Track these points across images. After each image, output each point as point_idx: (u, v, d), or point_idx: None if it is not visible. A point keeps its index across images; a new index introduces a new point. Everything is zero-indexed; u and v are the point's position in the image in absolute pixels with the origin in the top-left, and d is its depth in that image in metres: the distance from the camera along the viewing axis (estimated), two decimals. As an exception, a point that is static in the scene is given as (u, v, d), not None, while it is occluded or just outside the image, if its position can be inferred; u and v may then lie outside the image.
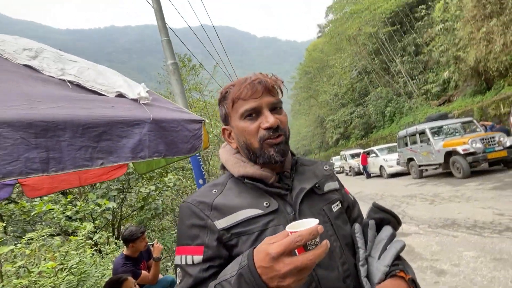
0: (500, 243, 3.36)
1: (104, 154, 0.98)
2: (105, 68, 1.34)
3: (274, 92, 0.72)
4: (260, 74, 0.74)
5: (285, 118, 0.74)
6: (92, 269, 3.58)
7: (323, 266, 0.68)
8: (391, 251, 0.70)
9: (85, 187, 6.47)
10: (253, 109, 0.70)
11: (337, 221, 0.76)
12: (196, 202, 0.72)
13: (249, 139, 0.72)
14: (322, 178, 0.81)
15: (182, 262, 0.69)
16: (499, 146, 7.89)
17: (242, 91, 0.70)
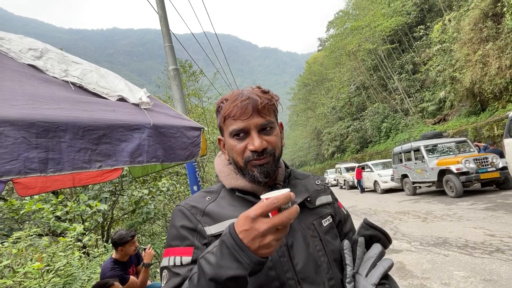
0: (490, 264, 3.37)
1: (103, 157, 0.99)
2: (107, 71, 1.35)
3: (264, 113, 0.70)
4: (254, 90, 0.73)
5: (274, 139, 0.72)
6: (79, 272, 3.51)
7: (309, 280, 0.68)
8: (379, 269, 0.70)
9: (77, 188, 6.40)
10: (241, 130, 0.69)
11: (326, 236, 0.76)
12: (188, 206, 0.73)
13: (236, 158, 0.72)
14: (314, 193, 0.81)
15: (170, 263, 0.68)
16: (492, 167, 8.00)
17: (232, 110, 0.69)
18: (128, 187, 6.60)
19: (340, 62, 32.47)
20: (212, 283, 0.52)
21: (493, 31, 13.29)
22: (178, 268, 0.66)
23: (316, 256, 0.71)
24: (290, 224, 0.69)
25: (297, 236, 0.71)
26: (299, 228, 0.72)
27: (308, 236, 0.73)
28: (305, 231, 0.73)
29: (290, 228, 0.70)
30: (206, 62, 13.41)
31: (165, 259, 0.69)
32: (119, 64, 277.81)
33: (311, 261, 0.70)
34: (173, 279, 0.65)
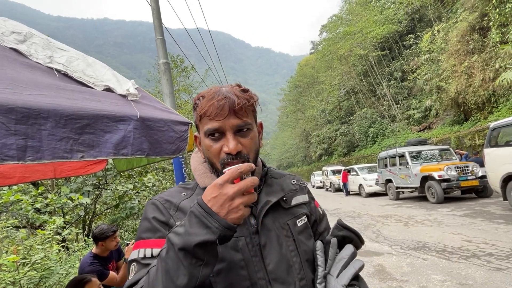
0: (466, 268, 3.48)
1: (85, 147, 0.96)
2: (95, 61, 1.31)
3: (241, 114, 0.67)
4: (233, 89, 0.70)
5: (249, 142, 0.69)
6: (57, 266, 3.42)
7: (280, 281, 0.68)
8: (350, 270, 0.70)
9: (59, 180, 6.22)
10: (216, 130, 0.67)
11: (300, 236, 0.76)
12: (162, 200, 0.72)
13: (212, 159, 0.70)
14: (289, 192, 0.80)
15: (139, 255, 0.66)
16: (472, 175, 8.27)
17: (208, 109, 0.66)
18: (112, 181, 6.47)
19: (331, 66, 32.85)
20: (181, 252, 0.52)
21: (479, 44, 13.73)
22: (148, 260, 0.64)
23: (289, 256, 0.71)
24: (265, 224, 0.72)
25: (270, 236, 0.71)
26: (273, 228, 0.72)
27: (281, 236, 0.72)
28: (279, 231, 0.73)
29: (264, 228, 0.71)
30: (198, 58, 13.27)
31: (134, 252, 0.67)
32: (109, 56, 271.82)
33: (283, 262, 0.70)
34: (143, 270, 0.63)
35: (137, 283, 0.60)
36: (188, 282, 0.52)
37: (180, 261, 0.52)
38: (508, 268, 3.33)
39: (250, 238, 0.69)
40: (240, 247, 0.67)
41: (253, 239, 0.69)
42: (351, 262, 0.73)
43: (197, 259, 0.52)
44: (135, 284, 0.61)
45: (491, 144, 6.33)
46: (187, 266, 0.52)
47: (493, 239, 4.43)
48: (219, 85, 0.90)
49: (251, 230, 0.70)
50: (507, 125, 5.88)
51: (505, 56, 11.64)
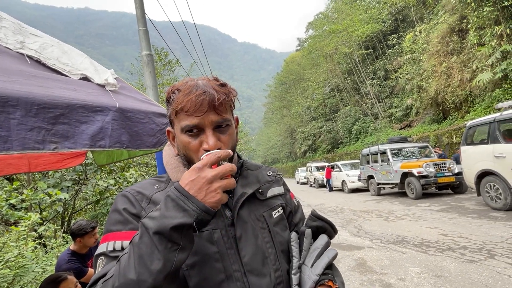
0: (442, 261, 3.62)
1: (59, 138, 0.90)
2: (71, 48, 1.25)
3: (221, 110, 0.66)
4: (210, 83, 0.67)
5: (228, 138, 0.68)
6: (33, 264, 3.30)
7: (255, 272, 0.67)
8: (324, 260, 0.72)
9: (35, 174, 5.98)
10: (195, 126, 0.64)
11: (275, 228, 0.76)
12: (134, 192, 0.69)
13: (190, 155, 0.67)
14: (265, 184, 0.80)
15: (108, 248, 0.62)
16: (448, 172, 8.60)
17: (185, 105, 0.63)
18: (93, 177, 6.29)
19: (317, 63, 33.14)
20: (156, 236, 0.50)
21: (458, 45, 14.22)
22: (118, 253, 0.60)
23: (264, 248, 0.71)
24: (241, 216, 0.71)
25: (246, 228, 0.70)
26: (249, 219, 0.71)
27: (257, 228, 0.72)
28: (254, 223, 0.72)
29: (240, 220, 0.70)
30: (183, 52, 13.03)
31: (102, 245, 0.63)
32: (90, 47, 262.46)
33: (258, 253, 0.69)
34: (111, 263, 0.59)
35: (105, 276, 0.55)
36: (163, 267, 0.49)
37: (154, 245, 0.49)
38: (481, 260, 3.49)
39: (226, 230, 0.68)
40: (215, 240, 0.66)
41: (229, 231, 0.68)
42: (325, 251, 0.74)
43: (172, 243, 0.50)
44: (102, 277, 0.55)
45: (467, 142, 6.59)
46: (162, 250, 0.49)
47: (467, 233, 4.63)
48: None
49: (227, 222, 0.69)
50: (482, 124, 6.13)
51: (481, 58, 12.11)
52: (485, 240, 4.17)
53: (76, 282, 1.94)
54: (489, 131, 5.88)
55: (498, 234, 4.35)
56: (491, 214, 5.65)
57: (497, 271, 3.13)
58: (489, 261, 3.43)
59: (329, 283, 0.69)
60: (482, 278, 3.02)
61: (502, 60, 11.12)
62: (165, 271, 0.50)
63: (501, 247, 3.82)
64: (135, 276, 0.48)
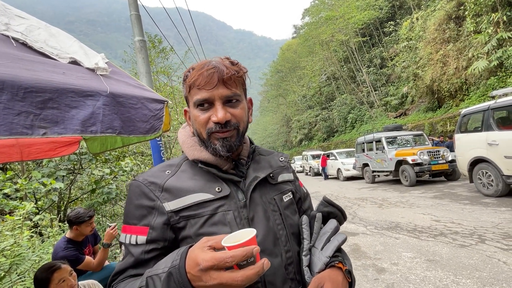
0: (434, 246, 3.70)
1: (48, 123, 0.88)
2: (59, 31, 1.20)
3: (230, 84, 0.68)
4: (222, 61, 0.70)
5: (239, 112, 0.70)
6: (29, 253, 3.30)
7: (267, 252, 0.70)
8: (334, 243, 0.73)
9: (29, 164, 5.93)
10: (205, 100, 0.68)
11: (286, 211, 0.78)
12: (147, 182, 0.71)
13: (199, 129, 0.71)
14: (277, 169, 0.83)
15: (126, 241, 0.69)
16: (442, 159, 8.70)
17: (197, 79, 0.67)
18: (88, 166, 6.25)
19: (313, 51, 32.81)
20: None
21: (454, 33, 14.13)
22: (133, 248, 0.67)
23: (276, 229, 0.74)
24: (253, 198, 0.73)
25: (258, 210, 0.73)
26: (260, 202, 0.74)
27: (268, 210, 0.75)
28: (266, 205, 0.75)
29: (252, 203, 0.73)
30: (178, 39, 12.82)
31: (122, 235, 0.70)
32: (81, 34, 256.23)
33: (270, 234, 0.72)
34: (127, 259, 0.67)
35: (124, 272, 0.67)
36: None
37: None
38: (471, 244, 3.57)
39: (238, 212, 0.70)
40: (228, 221, 0.68)
41: (241, 213, 0.71)
42: (334, 235, 0.76)
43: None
44: (121, 273, 0.67)
45: (461, 130, 6.64)
46: None
47: (459, 219, 4.72)
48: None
49: (239, 204, 0.71)
50: (477, 111, 6.17)
51: (477, 46, 12.08)
52: (476, 226, 4.26)
53: (71, 271, 1.93)
54: (483, 119, 5.92)
55: (489, 220, 4.44)
56: (483, 200, 5.76)
57: (487, 255, 3.21)
58: (480, 245, 3.52)
59: (339, 265, 0.71)
60: (473, 262, 3.10)
61: (498, 48, 11.11)
62: None
63: (491, 232, 3.91)
64: None
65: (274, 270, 0.69)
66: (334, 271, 0.69)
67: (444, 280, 2.78)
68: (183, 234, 0.67)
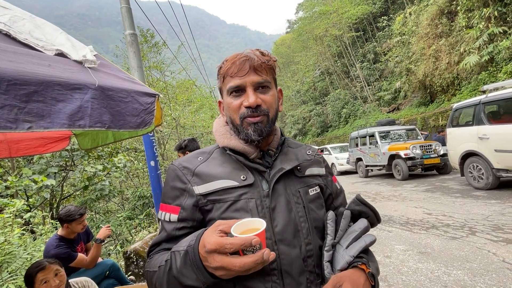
0: (426, 238, 3.76)
1: (34, 117, 0.85)
2: (45, 22, 1.16)
3: (261, 71, 0.73)
4: (253, 51, 0.75)
5: (270, 98, 0.75)
6: (20, 251, 3.26)
7: (286, 242, 0.71)
8: (360, 243, 0.72)
9: (20, 161, 5.83)
10: (238, 87, 0.72)
11: (311, 204, 0.78)
12: (181, 167, 0.78)
13: (232, 115, 0.75)
14: (304, 162, 0.83)
15: (161, 217, 0.76)
16: (434, 153, 8.81)
17: (230, 68, 0.72)
18: (80, 162, 6.17)
19: (307, 46, 32.72)
20: (176, 280, 0.61)
21: (446, 28, 14.21)
22: (167, 224, 0.75)
23: (297, 221, 0.74)
24: (276, 189, 0.75)
25: (280, 200, 0.74)
26: (284, 193, 0.76)
27: (292, 202, 0.76)
28: (289, 196, 0.76)
29: (275, 193, 0.75)
30: (170, 34, 12.65)
31: (160, 212, 0.78)
32: (72, 28, 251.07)
33: (290, 225, 0.73)
34: (162, 234, 0.75)
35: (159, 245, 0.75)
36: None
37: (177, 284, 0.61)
38: (462, 237, 3.63)
39: (261, 200, 0.73)
40: (250, 208, 0.71)
41: (264, 202, 0.73)
42: (362, 235, 0.74)
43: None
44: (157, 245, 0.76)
45: (453, 124, 6.72)
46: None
47: (450, 212, 4.80)
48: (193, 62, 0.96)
49: (263, 193, 0.74)
50: (468, 106, 6.24)
51: (469, 41, 12.18)
52: (467, 218, 4.33)
53: (57, 270, 1.90)
54: (474, 113, 5.99)
55: (480, 212, 4.52)
56: (474, 193, 5.86)
57: (477, 247, 3.27)
58: (470, 237, 3.58)
59: (362, 267, 0.69)
60: (463, 253, 3.16)
61: (489, 42, 11.22)
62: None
63: (481, 224, 3.98)
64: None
65: (292, 261, 0.70)
66: (356, 272, 0.68)
67: (436, 272, 2.83)
68: (209, 216, 0.73)
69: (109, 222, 6.30)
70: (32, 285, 1.79)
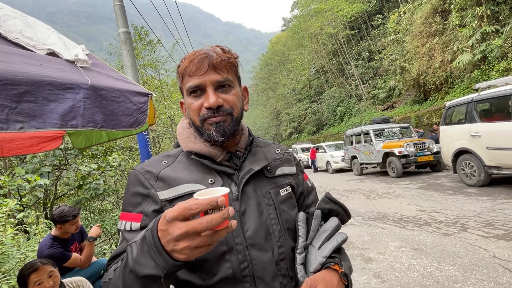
0: (419, 235, 3.81)
1: (25, 117, 0.84)
2: (37, 21, 1.15)
3: (221, 70, 0.68)
4: (213, 48, 0.70)
5: (232, 98, 0.70)
6: (13, 251, 3.23)
7: (257, 246, 0.69)
8: (332, 243, 0.71)
9: (12, 160, 5.76)
10: (197, 87, 0.68)
11: (282, 205, 0.76)
12: (143, 171, 0.72)
13: (193, 117, 0.71)
14: (273, 161, 0.81)
15: (122, 227, 0.70)
16: (428, 151, 8.91)
17: (188, 67, 0.68)
18: (74, 162, 6.11)
19: (302, 44, 32.74)
20: (132, 274, 0.52)
21: (440, 26, 14.33)
22: (128, 233, 0.68)
23: (269, 224, 0.72)
24: (245, 191, 0.72)
25: (250, 203, 0.72)
26: (254, 196, 0.73)
27: (263, 204, 0.73)
28: (260, 199, 0.73)
29: (244, 196, 0.71)
30: (165, 31, 12.57)
31: (119, 222, 0.71)
32: (64, 26, 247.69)
33: (262, 228, 0.71)
34: (122, 245, 0.68)
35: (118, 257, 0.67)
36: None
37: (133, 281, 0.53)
38: (454, 233, 3.69)
39: (230, 204, 0.69)
40: None
41: (233, 205, 0.70)
42: (334, 234, 0.74)
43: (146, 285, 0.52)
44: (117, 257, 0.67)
45: (446, 122, 6.80)
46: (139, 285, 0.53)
47: (443, 208, 4.87)
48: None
49: (232, 197, 0.70)
50: (461, 104, 6.32)
51: (462, 39, 12.30)
52: (459, 215, 4.40)
53: (51, 271, 1.89)
54: (466, 111, 6.07)
55: (471, 209, 4.60)
56: (466, 190, 5.95)
57: (469, 243, 3.33)
58: (462, 233, 3.64)
59: (335, 267, 0.68)
60: (455, 249, 3.21)
61: (482, 41, 11.34)
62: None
63: (473, 221, 4.04)
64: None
65: (264, 265, 0.68)
66: (329, 272, 0.67)
67: (428, 268, 2.87)
68: None
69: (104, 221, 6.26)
70: (25, 286, 1.77)
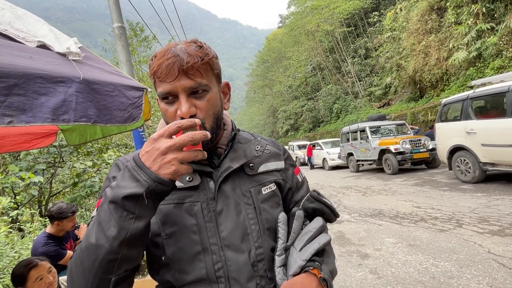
0: (415, 231, 3.84)
1: (14, 111, 0.81)
2: (27, 13, 1.11)
3: (193, 74, 0.62)
4: (186, 46, 0.63)
5: (205, 105, 0.64)
6: (7, 249, 3.20)
7: (233, 247, 0.66)
8: (314, 245, 0.68)
9: (6, 157, 5.68)
10: (168, 93, 0.63)
11: (263, 204, 0.72)
12: (124, 160, 0.72)
13: (169, 122, 0.66)
14: (252, 159, 0.76)
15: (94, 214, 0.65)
16: (423, 148, 8.96)
17: (157, 70, 0.62)
18: (69, 159, 6.05)
19: (299, 41, 32.66)
20: (112, 205, 0.52)
21: (436, 24, 14.37)
22: None
23: (247, 224, 0.69)
24: (223, 190, 0.69)
25: (228, 202, 0.69)
26: (232, 195, 0.70)
27: (241, 204, 0.70)
28: (239, 198, 0.70)
29: (222, 195, 0.68)
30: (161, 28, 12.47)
31: (95, 210, 0.65)
32: (58, 21, 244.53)
33: (238, 229, 0.68)
34: None
35: None
36: (118, 234, 0.51)
37: (110, 213, 0.52)
38: (450, 229, 3.72)
39: (207, 203, 0.67)
40: (194, 212, 0.66)
41: (210, 205, 0.67)
42: (317, 236, 0.70)
43: (127, 212, 0.52)
44: None
45: (441, 119, 6.83)
46: (116, 218, 0.51)
47: (438, 205, 4.90)
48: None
49: (209, 196, 0.68)
50: (456, 101, 6.35)
51: (458, 37, 12.35)
52: (454, 211, 4.43)
53: (50, 268, 1.86)
54: (462, 108, 6.10)
55: (466, 205, 4.63)
56: (461, 186, 6.00)
57: (464, 239, 3.35)
58: (458, 229, 3.67)
59: (314, 271, 0.65)
60: (451, 245, 3.23)
61: (477, 39, 11.40)
62: (120, 237, 0.51)
63: (468, 217, 4.08)
64: (94, 241, 0.52)
65: (239, 267, 0.66)
66: (308, 277, 0.64)
67: (424, 264, 2.89)
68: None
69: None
70: (23, 283, 1.73)
